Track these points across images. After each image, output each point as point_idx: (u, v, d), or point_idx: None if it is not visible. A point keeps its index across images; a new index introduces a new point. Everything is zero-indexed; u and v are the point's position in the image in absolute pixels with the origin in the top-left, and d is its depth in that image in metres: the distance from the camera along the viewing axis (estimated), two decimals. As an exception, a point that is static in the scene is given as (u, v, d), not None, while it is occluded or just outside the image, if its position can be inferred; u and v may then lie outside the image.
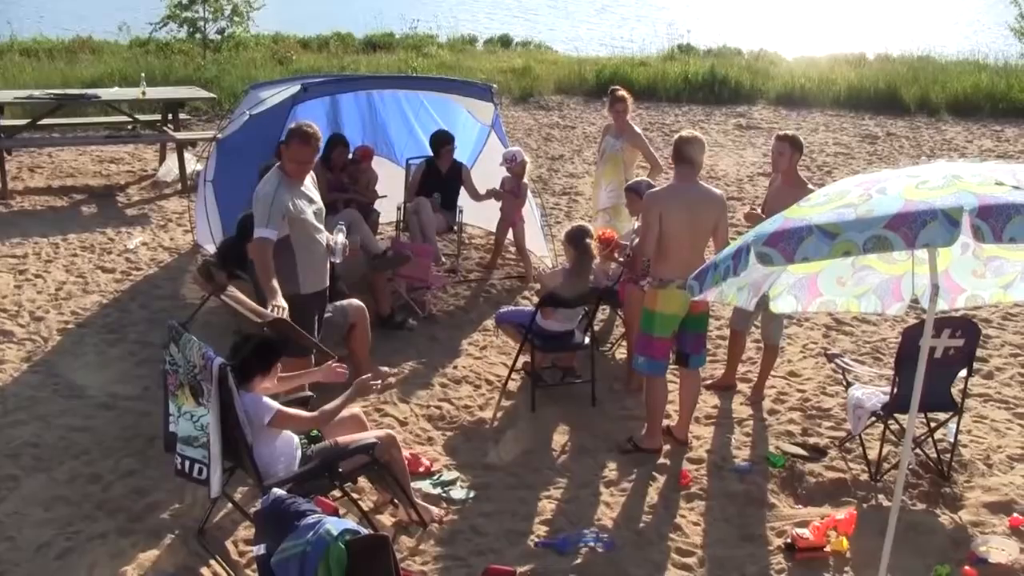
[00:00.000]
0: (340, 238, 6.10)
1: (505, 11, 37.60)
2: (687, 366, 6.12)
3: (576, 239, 6.66)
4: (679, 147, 5.84)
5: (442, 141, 9.20)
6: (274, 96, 8.35)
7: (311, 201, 5.92)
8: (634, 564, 4.95)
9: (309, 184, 5.99)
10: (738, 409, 6.72)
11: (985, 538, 5.09)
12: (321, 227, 5.97)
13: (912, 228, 3.33)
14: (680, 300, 5.75)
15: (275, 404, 4.75)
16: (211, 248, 8.34)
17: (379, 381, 5.22)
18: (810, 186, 6.42)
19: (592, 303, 6.90)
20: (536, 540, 5.12)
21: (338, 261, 6.21)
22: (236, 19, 20.47)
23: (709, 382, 7.02)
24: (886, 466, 5.84)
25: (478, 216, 9.72)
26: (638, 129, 8.90)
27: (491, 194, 9.17)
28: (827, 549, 5.03)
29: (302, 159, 5.79)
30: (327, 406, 4.95)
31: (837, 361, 6.61)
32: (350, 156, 9.13)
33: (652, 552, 5.06)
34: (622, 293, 7.20)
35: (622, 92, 8.81)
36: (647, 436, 6.11)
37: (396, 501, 5.22)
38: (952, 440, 5.99)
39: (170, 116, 13.02)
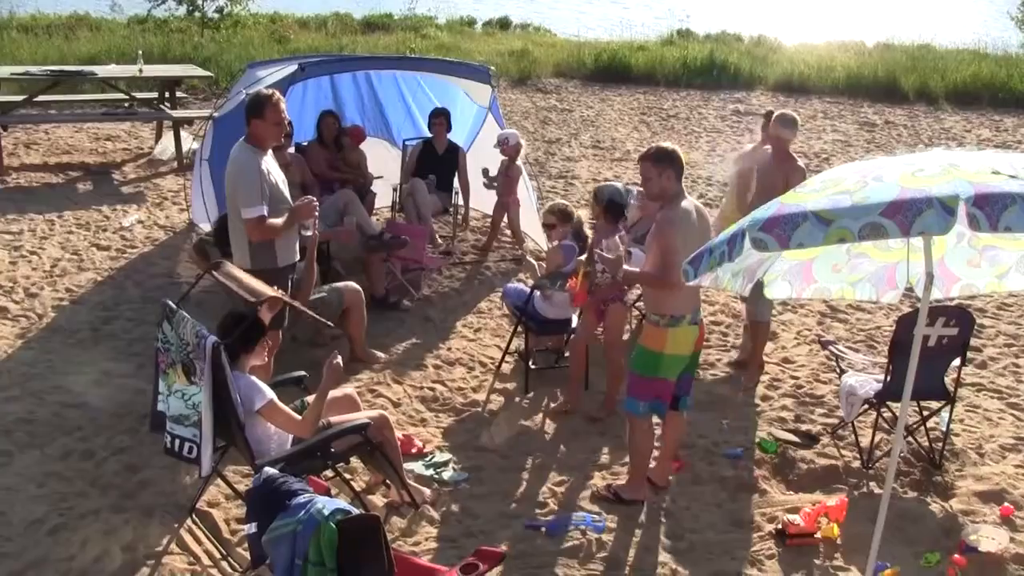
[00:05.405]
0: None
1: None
2: (676, 408, 5.37)
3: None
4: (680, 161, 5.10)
5: (432, 114, 9.23)
6: (271, 75, 8.32)
7: (278, 172, 5.87)
8: (624, 548, 4.96)
9: (270, 155, 5.94)
10: (731, 395, 6.73)
11: (976, 527, 5.10)
12: (288, 198, 5.87)
13: (908, 216, 3.31)
14: (692, 337, 5.16)
15: (269, 393, 4.68)
16: (206, 227, 8.32)
17: (338, 360, 4.82)
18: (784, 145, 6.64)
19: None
20: (527, 522, 5.13)
21: (309, 234, 6.19)
22: (235, -2, 20.49)
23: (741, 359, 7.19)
24: (878, 454, 5.85)
25: (474, 198, 9.71)
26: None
27: (485, 182, 9.16)
28: (818, 535, 5.04)
29: (279, 121, 5.69)
30: (308, 413, 4.77)
31: (831, 348, 6.61)
32: (340, 128, 9.13)
33: (642, 536, 5.07)
34: (599, 315, 6.45)
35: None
36: (630, 485, 5.41)
37: (388, 482, 5.22)
38: (944, 429, 6.00)
39: (167, 94, 12.99)
